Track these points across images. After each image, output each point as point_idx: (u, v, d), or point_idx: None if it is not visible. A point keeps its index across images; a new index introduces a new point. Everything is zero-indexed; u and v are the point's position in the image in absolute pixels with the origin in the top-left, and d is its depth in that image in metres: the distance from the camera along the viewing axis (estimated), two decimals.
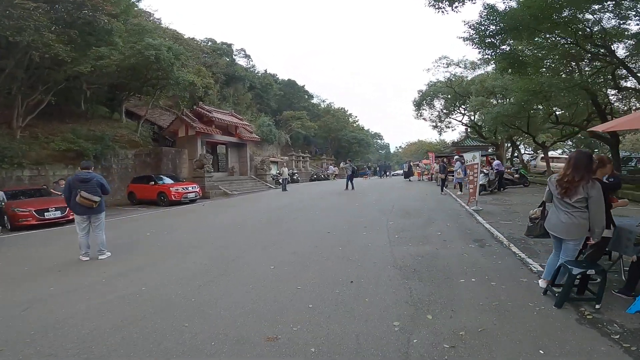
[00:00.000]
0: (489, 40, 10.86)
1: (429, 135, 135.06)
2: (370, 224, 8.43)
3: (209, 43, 45.86)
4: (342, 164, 20.15)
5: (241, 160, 26.14)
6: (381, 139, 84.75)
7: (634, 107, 17.63)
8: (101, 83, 19.36)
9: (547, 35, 11.10)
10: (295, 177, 32.37)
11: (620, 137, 35.88)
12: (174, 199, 15.32)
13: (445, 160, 16.53)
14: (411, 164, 26.82)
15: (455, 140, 39.78)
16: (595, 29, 10.99)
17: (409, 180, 25.87)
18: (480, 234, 7.29)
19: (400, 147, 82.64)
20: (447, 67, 26.52)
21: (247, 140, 25.98)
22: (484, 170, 14.73)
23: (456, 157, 16.26)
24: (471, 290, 4.26)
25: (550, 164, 24.28)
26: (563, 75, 13.19)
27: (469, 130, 37.12)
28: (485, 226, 8.08)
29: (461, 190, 15.07)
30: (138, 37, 17.98)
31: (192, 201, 16.43)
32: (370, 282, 4.57)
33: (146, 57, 16.43)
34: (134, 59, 16.85)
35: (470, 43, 11.26)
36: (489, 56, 12.10)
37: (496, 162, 16.98)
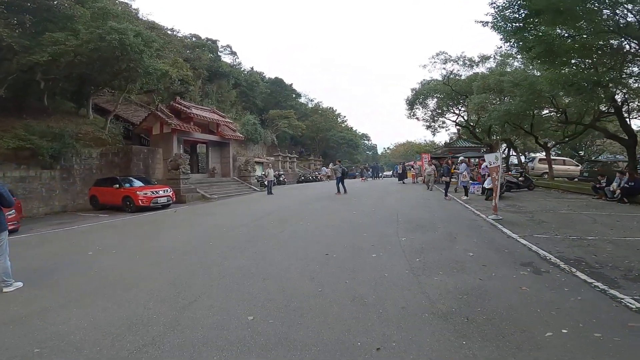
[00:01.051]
0: (517, 25, 9.34)
1: (418, 135, 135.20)
2: (378, 241, 6.68)
3: (193, 39, 43.59)
4: (331, 166, 18.35)
5: (223, 160, 24.09)
6: (368, 140, 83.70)
7: None
8: (61, 74, 17.05)
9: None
10: (281, 179, 30.51)
11: (608, 141, 35.57)
12: (141, 204, 13.26)
13: (449, 161, 15.04)
14: (405, 165, 25.24)
15: (447, 142, 38.71)
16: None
17: (403, 182, 24.32)
18: (524, 255, 5.64)
19: (388, 148, 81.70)
20: (445, 63, 25.15)
21: (230, 139, 23.95)
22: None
23: (461, 158, 14.73)
24: (573, 352, 2.59)
25: (542, 165, 23.19)
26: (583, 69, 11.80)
27: (460, 130, 36.06)
28: (521, 242, 6.46)
29: (467, 195, 13.53)
30: (101, 22, 15.80)
31: (165, 206, 14.39)
32: (405, 347, 2.83)
33: (108, 42, 14.26)
34: (92, 45, 14.63)
35: (493, 28, 9.73)
36: (515, 43, 10.57)
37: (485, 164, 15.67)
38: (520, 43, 10.36)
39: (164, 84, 27.01)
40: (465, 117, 30.70)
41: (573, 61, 11.13)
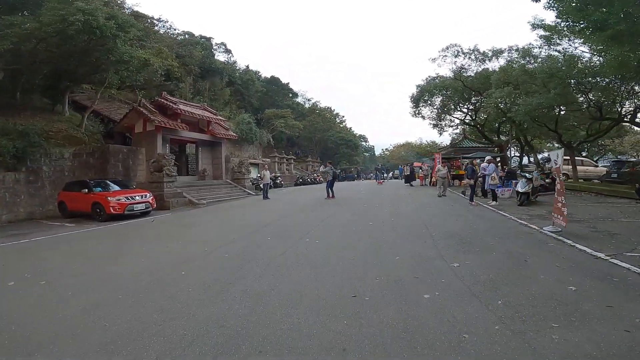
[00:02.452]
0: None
1: (418, 136, 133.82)
2: (420, 269, 4.72)
3: (186, 36, 41.57)
4: (321, 168, 16.35)
5: (215, 161, 22.05)
6: (366, 141, 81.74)
7: None
8: (25, 64, 14.99)
9: None
10: (278, 182, 28.53)
11: (618, 140, 33.89)
12: (113, 211, 11.21)
13: (473, 162, 13.15)
14: (413, 166, 23.26)
15: (453, 141, 36.92)
16: None
17: (411, 185, 22.39)
18: None
19: (386, 149, 79.85)
20: (456, 56, 23.21)
21: (222, 139, 21.93)
22: (527, 175, 11.34)
23: (488, 157, 12.82)
24: None
25: (564, 166, 21.44)
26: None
27: (467, 130, 34.26)
28: (622, 265, 4.60)
29: (495, 200, 11.61)
30: (68, 5, 13.75)
31: (145, 213, 12.36)
32: None
33: (71, 24, 12.16)
34: (53, 27, 12.53)
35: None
36: (576, 22, 8.73)
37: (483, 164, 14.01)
38: (582, 23, 8.50)
39: (151, 78, 25.04)
40: (473, 116, 28.91)
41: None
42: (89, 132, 18.70)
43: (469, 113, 28.66)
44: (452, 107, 28.17)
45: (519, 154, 31.21)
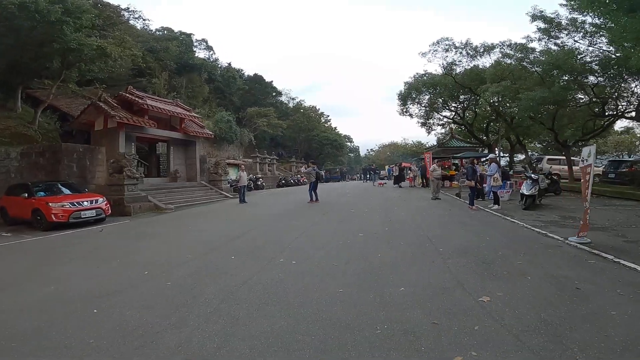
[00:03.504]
0: None
1: (403, 135, 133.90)
2: (436, 309, 3.32)
3: (165, 32, 39.44)
4: (303, 169, 14.79)
5: (189, 162, 20.26)
6: (351, 142, 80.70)
7: None
8: None
9: None
10: (259, 183, 26.95)
11: (601, 140, 33.69)
12: (55, 219, 9.45)
13: (474, 161, 11.89)
14: (402, 166, 21.99)
15: (440, 141, 35.99)
16: None
17: (400, 186, 21.17)
18: None
19: (372, 149, 79.07)
20: (446, 51, 22.02)
21: (197, 137, 20.19)
22: (532, 176, 10.17)
23: (490, 156, 11.60)
24: None
25: (554, 166, 20.69)
26: None
27: (454, 129, 33.39)
28: None
29: (498, 203, 10.38)
30: None
31: (99, 221, 10.61)
32: None
33: (4, 7, 10.36)
34: None
35: None
36: None
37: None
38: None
39: (119, 73, 23.12)
40: (462, 114, 27.97)
41: None
42: (43, 129, 16.73)
43: (458, 112, 27.73)
44: (441, 104, 27.16)
45: (508, 154, 30.42)
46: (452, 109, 27.82)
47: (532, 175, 10.10)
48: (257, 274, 4.61)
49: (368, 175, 32.20)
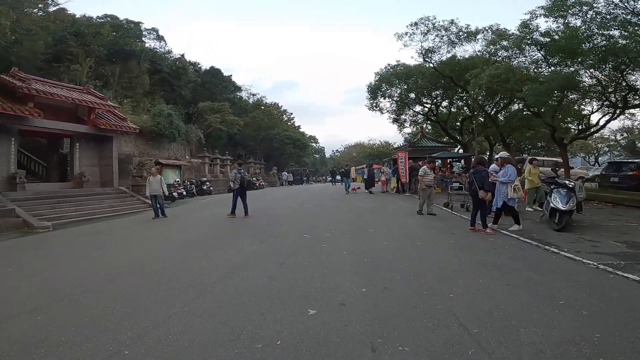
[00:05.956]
0: None
1: (366, 136, 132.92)
2: None
3: (108, 19, 33.88)
4: (233, 173, 10.84)
5: (103, 162, 15.81)
6: (316, 142, 77.27)
7: None
8: None
9: None
10: (205, 188, 22.83)
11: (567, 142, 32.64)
12: None
13: (482, 160, 8.60)
14: (372, 168, 18.48)
15: (406, 141, 33.26)
16: None
17: (370, 192, 17.79)
18: None
19: (337, 150, 76.21)
20: (425, 34, 18.94)
21: (115, 132, 15.78)
22: (568, 183, 7.02)
23: (501, 154, 8.22)
24: None
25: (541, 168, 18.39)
26: None
27: (425, 127, 30.81)
28: None
29: (518, 223, 7.10)
30: None
31: None
32: None
33: None
34: None
35: None
36: None
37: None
38: None
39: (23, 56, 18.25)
40: (435, 111, 25.28)
41: None
42: None
43: (432, 108, 25.02)
44: (414, 99, 24.29)
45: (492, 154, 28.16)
46: (426, 104, 25.10)
47: (567, 181, 6.98)
48: None
49: (338, 178, 28.62)
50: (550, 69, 13.33)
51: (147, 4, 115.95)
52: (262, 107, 46.75)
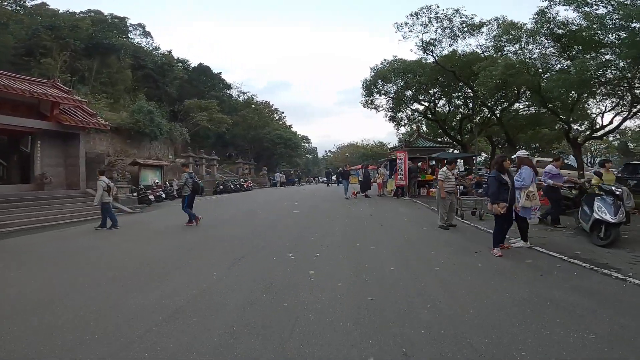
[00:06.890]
0: None
1: (361, 135, 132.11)
2: None
3: (92, 14, 32.05)
4: (183, 177, 9.24)
5: (69, 162, 14.21)
6: (309, 143, 75.78)
7: None
8: None
9: None
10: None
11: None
12: None
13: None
14: (367, 169, 16.94)
15: (401, 141, 31.98)
16: None
17: (366, 195, 16.37)
18: None
19: (330, 151, 74.83)
20: (427, 26, 17.65)
21: (82, 129, 14.19)
22: (614, 189, 5.72)
23: (519, 153, 6.78)
24: None
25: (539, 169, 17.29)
26: None
27: (420, 128, 29.58)
28: None
29: (525, 239, 5.77)
30: None
31: None
32: None
33: None
34: None
35: None
36: None
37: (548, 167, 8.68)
38: None
39: None
40: (433, 110, 24.03)
41: None
42: None
43: (430, 106, 23.73)
44: (411, 96, 22.99)
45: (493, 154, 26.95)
46: (424, 102, 23.82)
47: (614, 188, 5.68)
48: None
49: (335, 178, 26.93)
50: (561, 63, 12.09)
51: (147, 4, 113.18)
52: (253, 106, 45.26)
